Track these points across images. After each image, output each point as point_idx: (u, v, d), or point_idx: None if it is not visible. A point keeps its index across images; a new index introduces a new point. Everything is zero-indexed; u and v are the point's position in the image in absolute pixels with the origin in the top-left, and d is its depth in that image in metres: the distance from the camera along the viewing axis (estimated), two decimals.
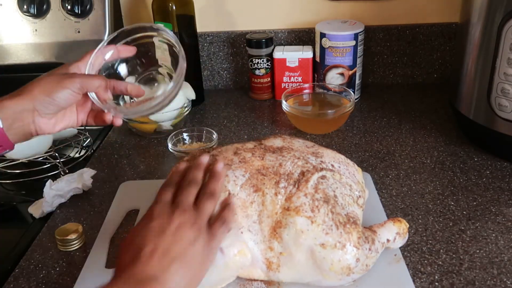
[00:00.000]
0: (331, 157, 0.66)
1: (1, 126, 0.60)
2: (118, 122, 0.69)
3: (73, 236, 0.69)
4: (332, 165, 0.64)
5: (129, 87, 0.69)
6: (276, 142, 0.68)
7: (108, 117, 0.68)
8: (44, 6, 1.06)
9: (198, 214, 0.54)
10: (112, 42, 0.70)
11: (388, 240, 0.61)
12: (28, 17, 1.07)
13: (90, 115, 0.70)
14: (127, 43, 0.71)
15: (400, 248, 0.66)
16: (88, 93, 0.66)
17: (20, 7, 1.06)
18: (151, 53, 0.74)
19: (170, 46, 0.70)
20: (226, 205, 0.58)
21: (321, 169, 0.62)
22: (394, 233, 0.62)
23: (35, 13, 1.06)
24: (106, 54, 0.69)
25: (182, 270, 0.49)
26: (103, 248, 0.69)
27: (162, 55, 1.07)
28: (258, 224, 0.59)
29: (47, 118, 0.65)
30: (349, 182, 0.63)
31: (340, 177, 0.63)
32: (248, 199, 0.60)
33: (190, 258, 0.51)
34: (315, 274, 0.58)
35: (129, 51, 0.70)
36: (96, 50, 0.69)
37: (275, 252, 0.59)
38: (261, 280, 0.61)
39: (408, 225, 0.64)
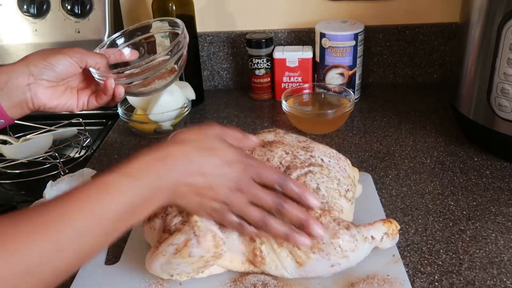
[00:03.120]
0: (321, 151, 0.67)
1: None
2: (120, 91, 0.69)
3: None
4: (322, 160, 0.65)
5: (125, 51, 0.72)
6: (269, 136, 0.69)
7: (109, 85, 0.67)
8: (44, 6, 1.06)
9: None
10: (124, 36, 0.75)
11: (373, 237, 0.60)
12: (28, 17, 1.07)
13: (92, 96, 0.70)
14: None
15: (399, 248, 0.66)
16: (90, 69, 0.68)
17: (20, 7, 1.06)
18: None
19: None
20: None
21: (310, 164, 0.63)
22: (382, 232, 0.61)
23: (35, 13, 1.06)
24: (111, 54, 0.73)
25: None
26: None
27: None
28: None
29: (44, 87, 0.64)
30: (338, 176, 0.64)
31: (329, 172, 0.63)
32: None
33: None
34: (294, 261, 0.58)
35: (133, 55, 0.74)
36: (102, 46, 0.73)
37: (257, 245, 0.59)
38: (260, 273, 0.61)
39: (399, 227, 0.63)
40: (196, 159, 0.51)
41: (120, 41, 0.77)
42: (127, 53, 0.74)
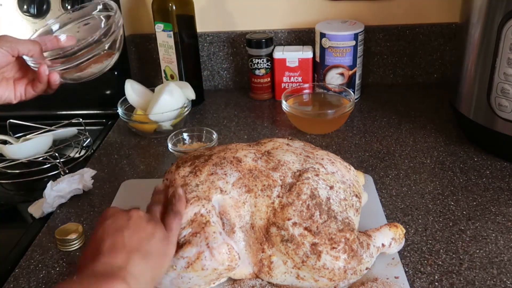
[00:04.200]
0: (328, 161, 0.65)
1: None
2: (55, 78, 0.68)
3: (73, 236, 0.69)
4: (332, 171, 0.64)
5: (62, 37, 0.70)
6: (274, 145, 0.68)
7: (43, 72, 0.66)
8: (44, 6, 1.06)
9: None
10: (59, 22, 0.76)
11: (383, 245, 0.61)
12: (28, 17, 1.07)
13: (28, 85, 0.69)
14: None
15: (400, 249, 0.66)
16: (23, 57, 0.67)
17: (20, 7, 1.06)
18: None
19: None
20: (176, 197, 0.59)
21: (317, 175, 0.61)
22: (390, 238, 0.61)
23: (35, 13, 1.06)
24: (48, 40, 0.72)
25: (143, 262, 0.49)
26: None
27: (166, 54, 1.08)
28: (250, 225, 0.59)
29: None
30: (346, 187, 0.62)
31: (336, 183, 0.62)
32: (240, 199, 0.60)
33: (150, 250, 0.50)
34: (306, 279, 0.57)
35: (70, 41, 0.72)
36: (38, 33, 0.73)
37: (266, 255, 0.58)
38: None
39: (404, 231, 0.63)
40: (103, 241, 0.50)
41: (55, 27, 0.76)
42: (63, 39, 0.72)
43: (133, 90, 1.01)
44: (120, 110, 0.99)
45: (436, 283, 0.61)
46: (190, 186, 0.62)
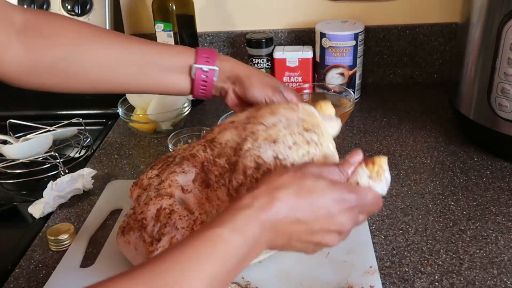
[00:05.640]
0: (268, 114, 0.60)
1: None
2: None
3: (64, 236, 0.69)
4: (273, 123, 0.58)
5: None
6: (219, 129, 0.64)
7: None
8: (44, 6, 1.06)
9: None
10: None
11: (357, 183, 0.53)
12: None
13: None
14: None
15: (399, 248, 0.66)
16: None
17: None
18: None
19: None
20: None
21: (256, 139, 0.57)
22: (366, 176, 0.52)
23: None
24: None
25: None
26: (80, 247, 0.68)
27: None
28: None
29: None
30: (291, 130, 0.57)
31: (279, 132, 0.57)
32: (202, 195, 0.59)
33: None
34: None
35: None
36: None
37: None
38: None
39: (384, 164, 0.53)
40: (302, 207, 0.48)
41: None
42: None
43: None
44: (120, 110, 0.99)
45: (436, 283, 0.61)
46: (153, 186, 0.61)
